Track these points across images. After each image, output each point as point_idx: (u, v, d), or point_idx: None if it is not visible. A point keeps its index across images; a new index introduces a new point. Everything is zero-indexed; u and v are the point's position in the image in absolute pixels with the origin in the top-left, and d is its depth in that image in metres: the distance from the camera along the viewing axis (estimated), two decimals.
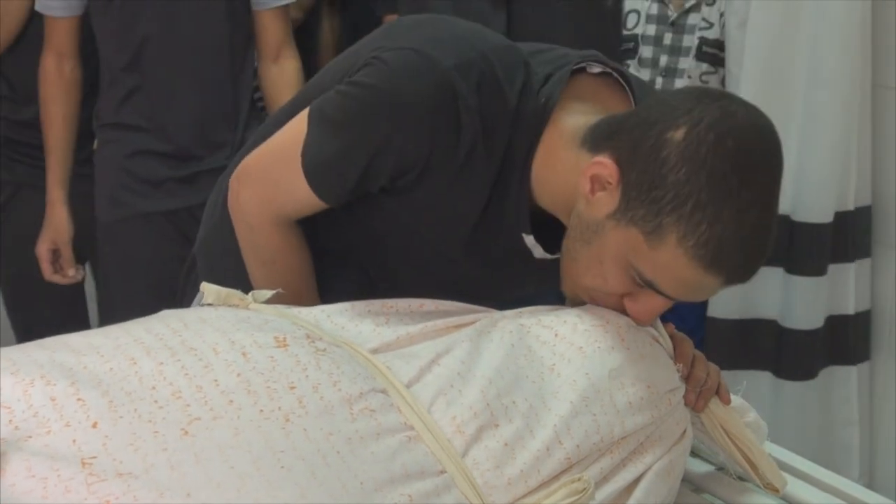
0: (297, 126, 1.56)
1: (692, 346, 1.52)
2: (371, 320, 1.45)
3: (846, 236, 2.94)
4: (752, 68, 2.84)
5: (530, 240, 1.55)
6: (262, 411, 1.19)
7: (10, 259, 3.03)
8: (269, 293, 1.49)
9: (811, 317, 2.93)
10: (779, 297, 2.95)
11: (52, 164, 2.77)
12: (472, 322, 1.45)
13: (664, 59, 3.01)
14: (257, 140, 1.69)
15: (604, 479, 1.35)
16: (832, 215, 2.90)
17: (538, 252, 1.56)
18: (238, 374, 1.23)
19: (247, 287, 1.58)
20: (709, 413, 1.50)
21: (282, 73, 2.77)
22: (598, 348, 1.42)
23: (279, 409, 1.20)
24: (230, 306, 1.46)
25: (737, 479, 1.57)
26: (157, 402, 1.17)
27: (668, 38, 3.01)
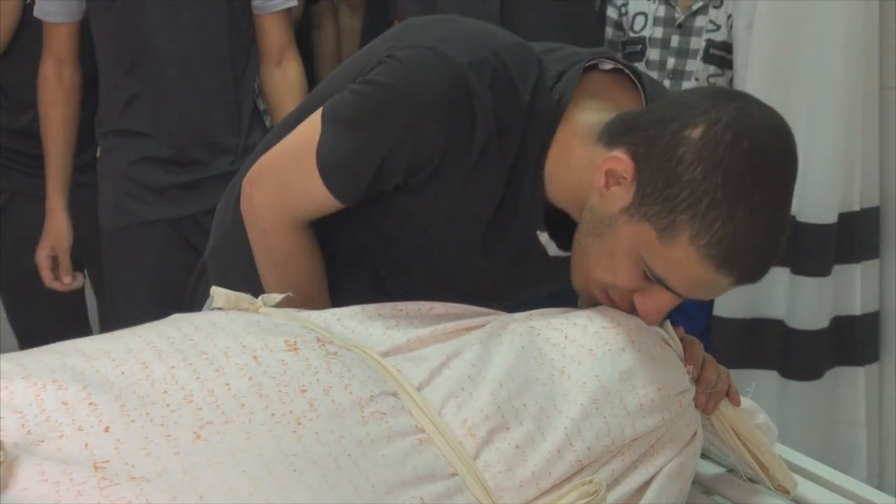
0: (311, 127, 1.56)
1: (702, 349, 1.52)
2: (381, 323, 1.45)
3: (851, 237, 2.94)
4: (757, 69, 2.85)
5: (544, 237, 1.55)
6: (273, 415, 1.19)
7: (8, 266, 3.04)
8: (279, 297, 1.49)
9: (816, 317, 2.94)
10: (784, 296, 2.96)
11: (51, 172, 2.77)
12: (483, 325, 1.45)
13: (671, 62, 3.02)
14: (269, 143, 1.69)
15: (615, 482, 1.35)
16: (836, 216, 2.90)
17: (552, 249, 1.56)
18: (249, 378, 1.23)
19: (258, 291, 1.59)
20: (719, 415, 1.50)
21: (284, 78, 2.77)
22: (609, 350, 1.42)
23: (290, 412, 1.20)
24: (240, 310, 1.46)
25: (747, 480, 1.57)
26: (168, 405, 1.17)
27: (675, 41, 3.02)
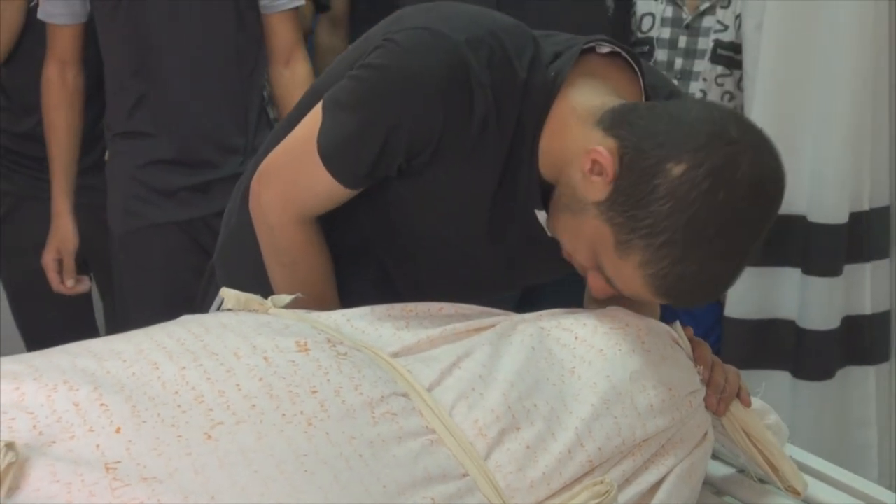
0: (312, 119, 1.57)
1: (710, 350, 1.53)
2: (391, 324, 1.45)
3: (861, 236, 2.93)
4: (767, 69, 2.84)
5: (542, 216, 1.55)
6: (284, 415, 1.19)
7: (14, 270, 3.03)
8: (288, 298, 1.49)
9: (827, 317, 2.93)
10: (796, 297, 2.95)
11: (56, 175, 2.76)
12: (492, 325, 1.45)
13: (679, 62, 3.01)
14: (273, 141, 1.70)
15: (626, 482, 1.35)
16: (847, 216, 2.89)
17: (550, 229, 1.57)
18: (260, 379, 1.23)
19: (266, 290, 1.59)
20: (729, 416, 1.50)
21: (293, 77, 2.75)
22: (619, 351, 1.42)
23: (301, 413, 1.20)
24: (250, 311, 1.47)
25: (758, 481, 1.57)
26: (179, 406, 1.17)
27: (682, 41, 3.01)
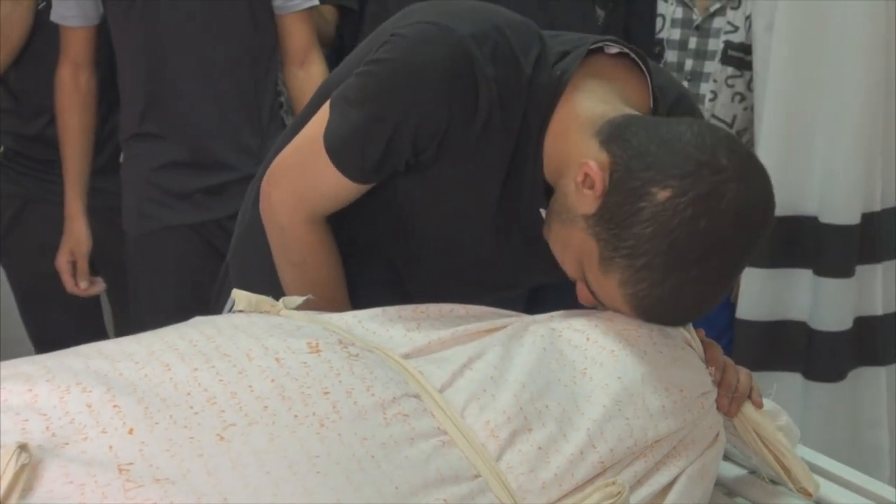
0: (321, 117, 1.58)
1: (722, 352, 1.53)
2: (402, 325, 1.45)
3: (873, 237, 2.92)
4: (777, 70, 2.83)
5: (545, 214, 1.55)
6: (296, 417, 1.20)
7: (22, 273, 3.04)
8: (299, 300, 1.50)
9: (840, 318, 2.92)
10: (808, 298, 2.94)
11: (69, 177, 2.77)
12: (504, 326, 1.45)
13: (689, 63, 3.01)
14: (283, 142, 1.71)
15: (638, 483, 1.35)
16: (859, 217, 2.89)
17: (544, 234, 1.57)
18: (272, 380, 1.23)
19: (278, 288, 1.59)
20: (741, 417, 1.50)
21: (309, 78, 2.74)
22: (631, 352, 1.42)
23: (314, 414, 1.20)
24: (262, 313, 1.47)
25: (769, 482, 1.56)
26: (192, 408, 1.18)
27: (693, 42, 3.01)
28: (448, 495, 1.20)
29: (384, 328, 1.44)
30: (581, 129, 1.47)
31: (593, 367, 1.40)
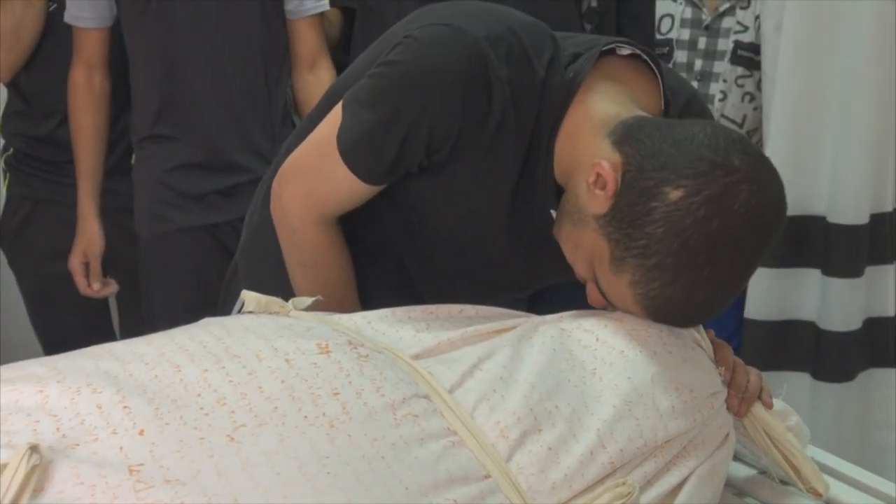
0: (333, 117, 1.58)
1: (732, 352, 1.53)
2: (412, 326, 1.45)
3: (883, 238, 2.92)
4: (786, 70, 2.83)
5: (556, 215, 1.55)
6: (306, 417, 1.20)
7: (32, 275, 3.02)
8: (309, 301, 1.50)
9: (848, 318, 2.92)
10: (816, 298, 2.94)
11: (82, 178, 2.76)
12: (513, 327, 1.45)
13: (699, 63, 3.01)
14: (294, 143, 1.70)
15: (648, 483, 1.35)
16: (868, 217, 2.88)
17: (555, 235, 1.56)
18: (282, 381, 1.23)
19: (287, 288, 1.60)
20: (751, 417, 1.49)
21: (318, 83, 2.74)
22: (640, 352, 1.41)
23: (324, 415, 1.21)
24: (271, 314, 1.47)
25: (779, 482, 1.56)
26: (202, 408, 1.18)
27: (702, 42, 3.01)
28: (458, 496, 1.20)
29: (394, 329, 1.44)
30: (593, 130, 1.47)
31: (603, 367, 1.40)
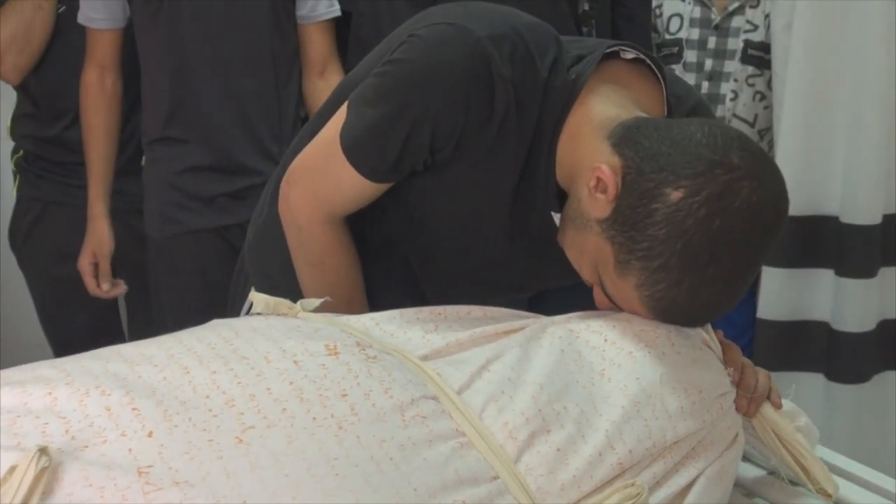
0: (338, 118, 1.59)
1: (740, 353, 1.53)
2: (420, 327, 1.45)
3: None
4: (797, 69, 2.83)
5: (558, 217, 1.55)
6: (315, 419, 1.20)
7: (42, 277, 3.03)
8: (317, 302, 1.50)
9: (862, 319, 2.91)
10: (829, 298, 2.93)
11: (93, 179, 2.77)
12: (521, 328, 1.45)
13: (709, 63, 3.01)
14: (301, 143, 1.71)
15: (657, 484, 1.35)
16: (881, 217, 2.88)
17: (559, 240, 1.56)
18: (290, 383, 1.23)
19: (296, 285, 1.61)
20: (760, 418, 1.49)
21: (327, 88, 2.69)
22: (649, 353, 1.41)
23: (332, 416, 1.21)
24: (279, 315, 1.47)
25: (789, 483, 1.56)
26: (211, 410, 1.18)
27: (712, 42, 3.01)
28: (466, 497, 1.20)
29: (402, 330, 1.44)
30: (593, 132, 1.47)
31: (611, 368, 1.40)
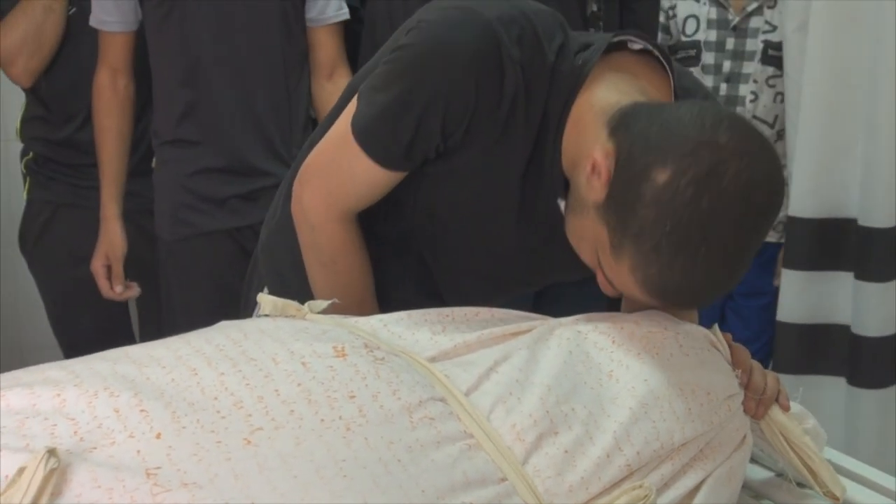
0: (349, 111, 1.60)
1: (749, 355, 1.53)
2: (428, 329, 1.45)
3: None
4: (813, 71, 2.82)
5: (563, 205, 1.56)
6: (322, 420, 1.20)
7: (53, 279, 3.05)
8: (325, 303, 1.50)
9: (882, 323, 2.89)
10: (849, 302, 2.92)
11: (105, 181, 2.78)
12: (529, 329, 1.46)
13: (728, 65, 3.00)
14: (314, 141, 1.72)
15: (665, 486, 1.35)
16: None
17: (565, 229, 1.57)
18: (298, 384, 1.24)
19: (309, 287, 1.62)
20: (768, 420, 1.50)
21: (336, 91, 2.69)
22: (657, 354, 1.42)
23: (340, 418, 1.21)
24: (287, 317, 1.48)
25: (796, 485, 1.56)
26: (219, 412, 1.18)
27: (730, 43, 3.00)
28: (474, 499, 1.20)
29: (410, 332, 1.44)
30: (595, 119, 1.48)
31: (619, 369, 1.40)
